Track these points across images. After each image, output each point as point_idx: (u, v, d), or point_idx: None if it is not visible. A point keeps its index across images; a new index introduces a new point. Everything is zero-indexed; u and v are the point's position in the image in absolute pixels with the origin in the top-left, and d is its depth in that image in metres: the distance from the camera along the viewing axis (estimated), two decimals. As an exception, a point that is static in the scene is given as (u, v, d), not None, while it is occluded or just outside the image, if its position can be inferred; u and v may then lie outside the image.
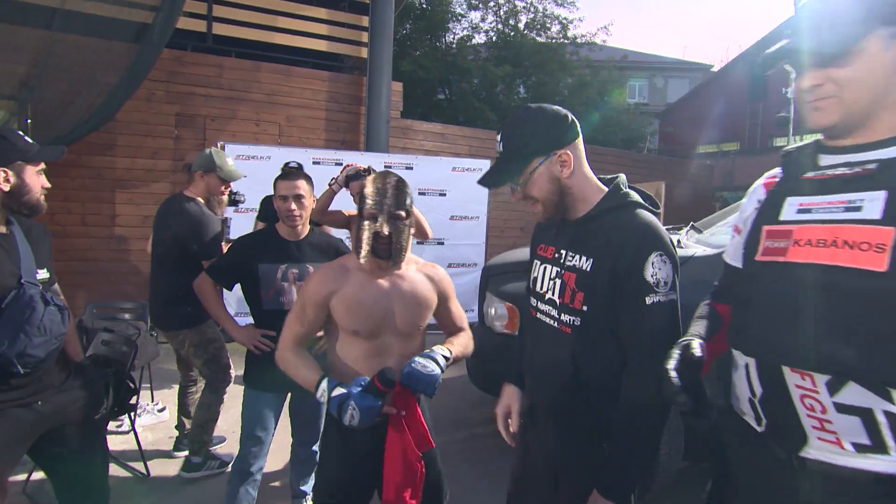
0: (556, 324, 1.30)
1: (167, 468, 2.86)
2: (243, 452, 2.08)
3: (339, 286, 1.52)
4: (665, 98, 23.30)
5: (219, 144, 5.29)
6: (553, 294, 1.31)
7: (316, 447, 2.28)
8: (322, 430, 1.68)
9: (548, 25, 14.29)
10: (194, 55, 5.91)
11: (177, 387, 3.12)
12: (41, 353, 1.55)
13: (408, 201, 1.52)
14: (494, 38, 14.43)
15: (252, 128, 6.19)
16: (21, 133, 1.64)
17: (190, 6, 5.94)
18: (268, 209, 4.13)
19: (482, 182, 1.34)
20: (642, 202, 1.30)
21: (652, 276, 1.18)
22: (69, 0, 4.77)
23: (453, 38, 14.40)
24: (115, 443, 2.95)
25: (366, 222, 1.48)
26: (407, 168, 6.11)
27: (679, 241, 2.77)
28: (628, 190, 1.32)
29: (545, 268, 1.36)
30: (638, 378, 1.20)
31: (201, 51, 6.05)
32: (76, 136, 4.64)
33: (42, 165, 1.66)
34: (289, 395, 2.22)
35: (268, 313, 2.13)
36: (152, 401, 3.53)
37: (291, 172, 2.16)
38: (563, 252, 1.31)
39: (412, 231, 1.61)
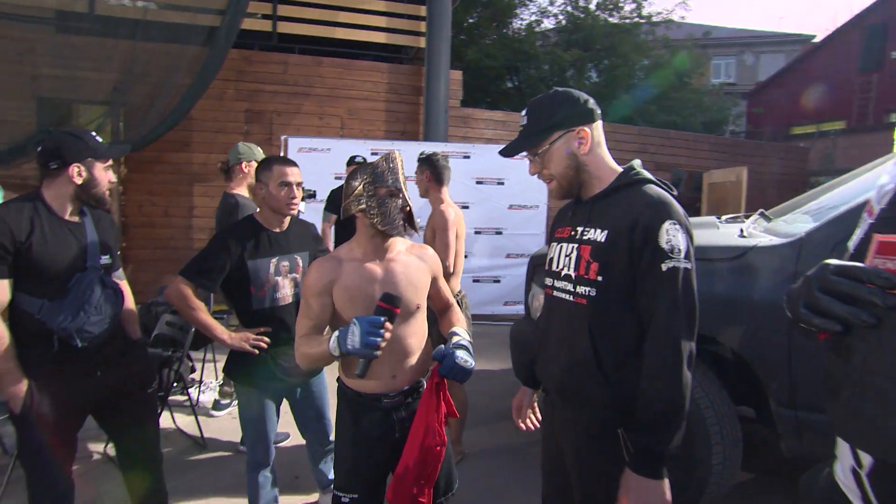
0: (571, 297, 1.33)
1: (224, 441, 3.06)
2: (252, 446, 2.11)
3: (337, 275, 1.53)
4: (755, 76, 21.38)
5: (282, 139, 5.55)
6: (569, 269, 1.35)
7: (332, 437, 2.26)
8: (336, 417, 1.69)
9: (620, 5, 13.60)
10: (261, 54, 6.24)
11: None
12: (96, 330, 1.72)
13: None
14: (564, 22, 13.95)
15: (315, 121, 6.43)
16: (93, 133, 1.81)
17: (257, 7, 6.25)
18: (337, 201, 4.31)
19: (502, 152, 1.41)
20: (654, 179, 1.34)
21: (667, 242, 1.20)
22: (150, 11, 5.21)
23: (521, 24, 14.11)
24: (178, 415, 3.20)
25: (390, 199, 1.52)
26: (464, 157, 6.06)
27: (741, 231, 2.51)
28: (641, 170, 1.35)
29: (561, 247, 1.40)
30: (660, 343, 1.21)
31: (268, 49, 6.36)
32: (157, 134, 5.06)
33: (109, 162, 1.81)
34: (288, 401, 2.19)
35: (259, 313, 2.00)
36: (216, 378, 3.78)
37: (286, 159, 2.08)
38: (580, 229, 1.35)
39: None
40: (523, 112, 1.39)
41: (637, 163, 1.37)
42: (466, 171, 5.95)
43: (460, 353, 1.47)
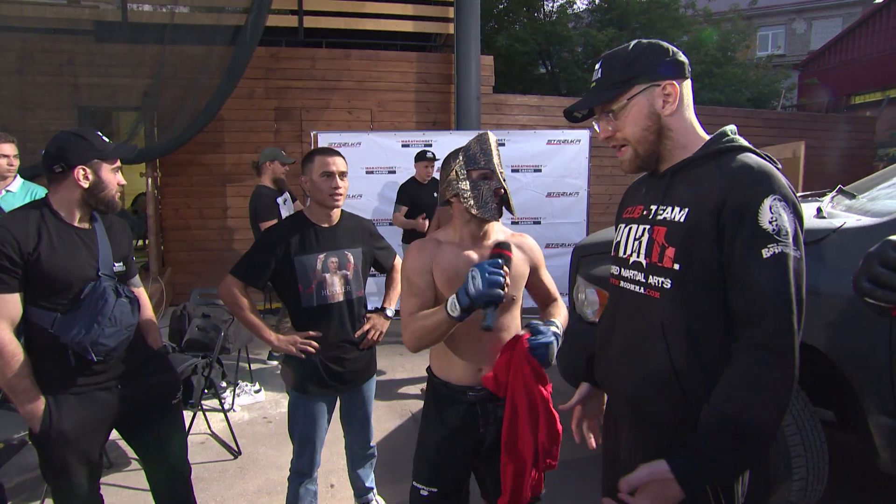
0: (642, 289, 1.12)
1: (258, 447, 2.97)
2: (297, 454, 2.02)
3: (435, 256, 1.51)
4: (808, 45, 19.98)
5: (313, 134, 5.46)
6: (639, 255, 1.13)
7: (373, 443, 2.22)
8: (423, 407, 1.64)
9: (657, -22, 12.86)
10: (288, 50, 6.17)
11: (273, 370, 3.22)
12: (112, 343, 1.62)
13: None
14: (597, 1, 13.37)
15: (345, 116, 6.33)
16: (99, 133, 1.69)
17: (282, 3, 6.17)
18: (406, 194, 4.44)
19: (569, 108, 1.22)
20: (753, 148, 1.08)
21: (770, 222, 0.95)
22: (177, 15, 5.22)
23: (552, 7, 13.61)
24: (213, 421, 3.14)
25: (483, 182, 1.47)
26: (499, 144, 5.81)
27: (819, 210, 2.20)
28: (736, 136, 1.11)
29: (630, 228, 1.19)
30: (757, 348, 0.96)
31: (295, 45, 6.28)
32: (188, 136, 5.07)
33: (117, 163, 1.70)
34: (338, 400, 2.11)
35: (309, 311, 1.94)
36: (251, 381, 3.72)
37: (329, 149, 2.01)
38: (654, 207, 1.13)
39: None
40: (597, 65, 1.18)
41: (731, 128, 1.12)
42: (502, 159, 5.71)
43: (555, 342, 1.39)
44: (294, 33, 6.32)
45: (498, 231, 1.60)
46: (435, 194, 4.17)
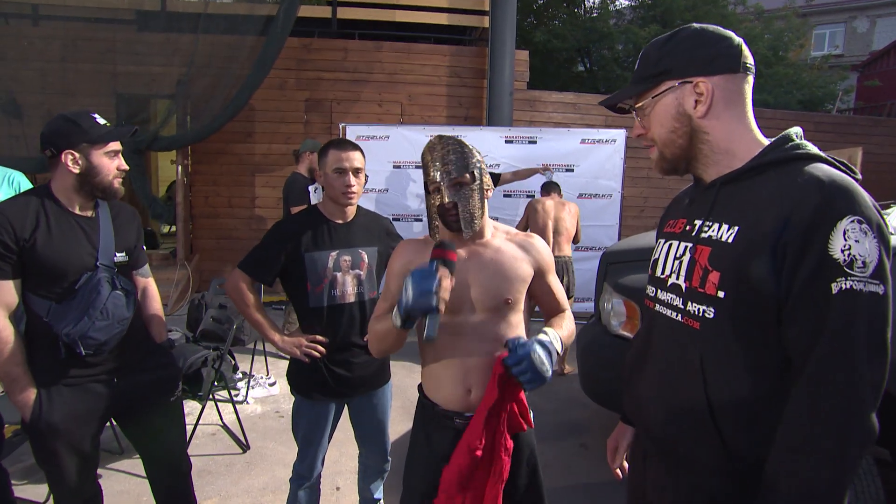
0: (679, 316, 0.98)
1: (267, 442, 2.93)
2: (300, 457, 1.93)
3: (416, 257, 1.41)
4: (870, 45, 18.84)
5: (341, 126, 5.41)
6: (678, 277, 0.99)
7: (389, 457, 2.08)
8: (413, 425, 1.52)
9: (706, -28, 12.31)
10: (321, 41, 6.14)
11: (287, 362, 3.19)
12: (102, 337, 1.56)
13: (473, 163, 1.35)
14: (641, -4, 12.92)
15: (375, 108, 6.26)
16: (95, 115, 1.61)
17: (317, -7, 6.15)
18: None
19: (603, 102, 1.12)
20: (825, 156, 0.91)
21: (843, 249, 0.79)
22: (211, 4, 5.25)
23: (594, 2, 13.22)
24: (225, 412, 3.12)
25: (429, 195, 1.38)
26: (530, 142, 5.67)
27: (886, 225, 1.96)
28: (803, 142, 0.93)
29: (671, 245, 1.05)
30: (816, 402, 0.80)
31: (327, 36, 6.24)
32: (217, 124, 5.09)
33: (112, 147, 1.60)
34: (346, 406, 2.00)
35: (317, 311, 1.82)
36: (267, 374, 3.69)
37: (345, 142, 1.88)
38: (698, 223, 0.99)
39: (488, 194, 1.42)
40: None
41: (796, 131, 0.95)
42: (532, 157, 5.55)
43: (539, 351, 1.21)
44: (327, 24, 6.28)
45: (499, 230, 1.46)
46: None
